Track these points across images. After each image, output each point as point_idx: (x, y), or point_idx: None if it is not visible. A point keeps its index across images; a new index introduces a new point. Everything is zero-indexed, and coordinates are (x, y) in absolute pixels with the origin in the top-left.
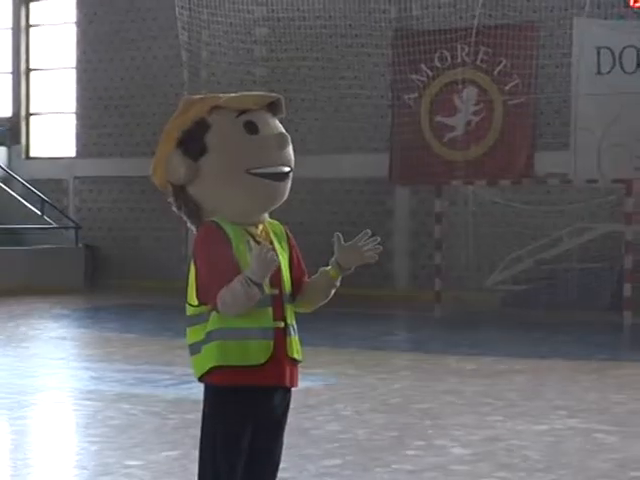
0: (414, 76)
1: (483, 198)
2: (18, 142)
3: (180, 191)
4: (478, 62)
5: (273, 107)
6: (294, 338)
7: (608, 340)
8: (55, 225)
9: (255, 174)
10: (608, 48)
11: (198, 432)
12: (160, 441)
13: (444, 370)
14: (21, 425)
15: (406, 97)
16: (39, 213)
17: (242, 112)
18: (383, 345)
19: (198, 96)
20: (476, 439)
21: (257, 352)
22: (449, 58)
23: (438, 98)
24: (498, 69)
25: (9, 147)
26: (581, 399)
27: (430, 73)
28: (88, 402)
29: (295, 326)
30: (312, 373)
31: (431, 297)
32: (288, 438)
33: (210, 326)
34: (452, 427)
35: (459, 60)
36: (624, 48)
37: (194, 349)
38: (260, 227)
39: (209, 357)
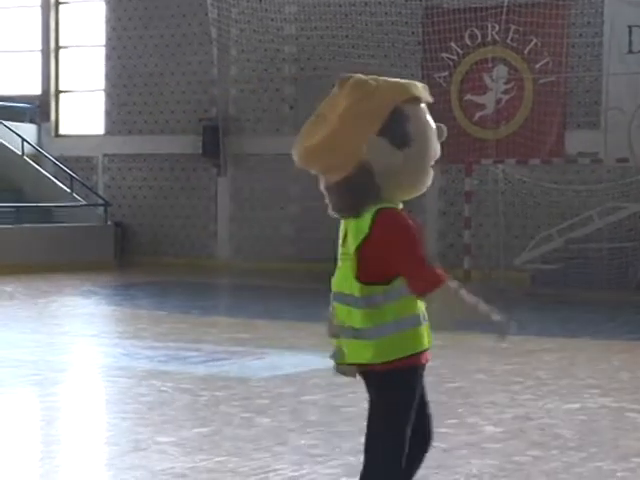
0: (444, 54)
1: (513, 177)
2: (48, 120)
3: (367, 177)
4: (508, 40)
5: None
6: None
7: (634, 319)
8: (84, 202)
9: (432, 166)
10: None
11: (228, 409)
12: (191, 418)
13: (474, 349)
14: (53, 401)
15: (436, 75)
16: (69, 190)
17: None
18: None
19: (370, 78)
20: (507, 417)
21: (428, 336)
22: (479, 36)
23: (468, 76)
24: (528, 48)
25: (39, 125)
26: (612, 378)
27: (460, 51)
28: (119, 379)
29: None
30: None
31: (460, 276)
32: (320, 415)
33: (397, 312)
34: (483, 405)
35: (489, 38)
36: None
37: (371, 333)
38: None
39: (404, 343)
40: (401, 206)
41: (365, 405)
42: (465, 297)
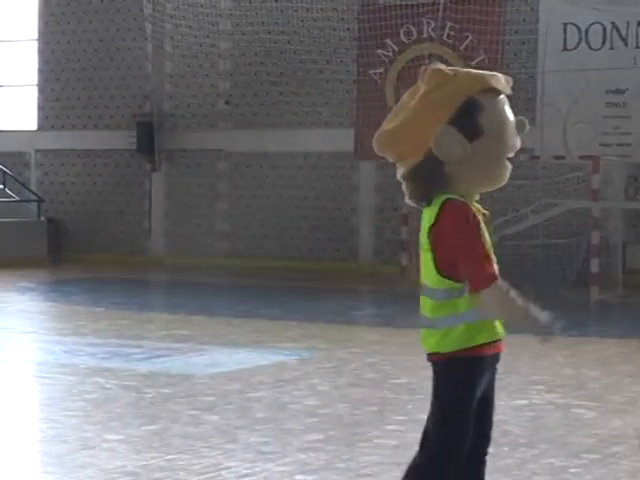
0: (380, 51)
1: None
2: None
3: (436, 165)
4: (444, 37)
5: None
6: None
7: (576, 316)
8: (17, 198)
9: (509, 158)
10: (574, 24)
11: (175, 406)
12: (138, 415)
13: (415, 345)
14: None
15: (372, 72)
16: (1, 186)
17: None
18: (352, 320)
19: (449, 69)
20: None
21: (499, 326)
22: (415, 33)
23: (404, 73)
24: (464, 44)
25: None
26: (557, 374)
27: (396, 48)
28: (62, 376)
29: None
30: (284, 347)
31: (396, 272)
32: (267, 412)
33: (467, 304)
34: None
35: (425, 35)
36: (590, 25)
37: (444, 322)
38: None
39: (474, 333)
40: (477, 197)
41: (308, 402)
42: (516, 298)
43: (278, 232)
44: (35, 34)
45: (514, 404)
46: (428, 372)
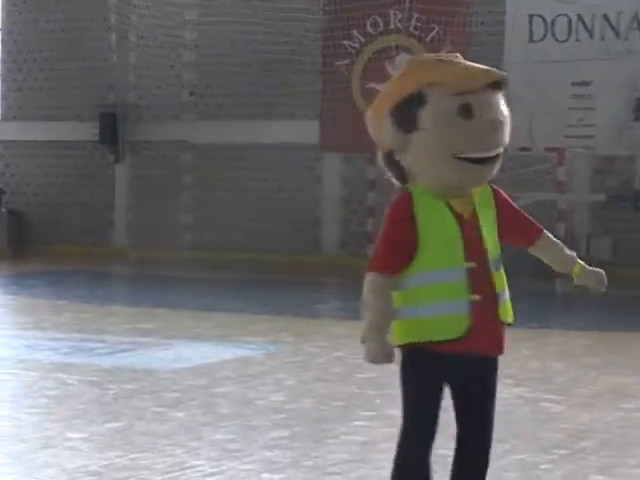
0: (346, 42)
1: None
2: None
3: (389, 154)
4: (411, 29)
5: (496, 82)
6: (504, 304)
7: (538, 307)
8: None
9: (462, 158)
10: (540, 16)
11: (139, 402)
12: (101, 412)
13: None
14: None
15: (338, 63)
16: None
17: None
18: (318, 313)
19: (423, 59)
20: None
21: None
22: (382, 24)
23: (370, 65)
24: (431, 36)
25: None
26: (523, 368)
27: (362, 39)
28: (23, 371)
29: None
30: (250, 341)
31: (362, 264)
32: (233, 408)
33: (401, 300)
34: (399, 397)
35: (392, 26)
36: (557, 16)
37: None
38: (465, 197)
39: (417, 328)
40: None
41: (274, 398)
42: (374, 307)
43: (242, 224)
44: None
45: None
46: (396, 367)
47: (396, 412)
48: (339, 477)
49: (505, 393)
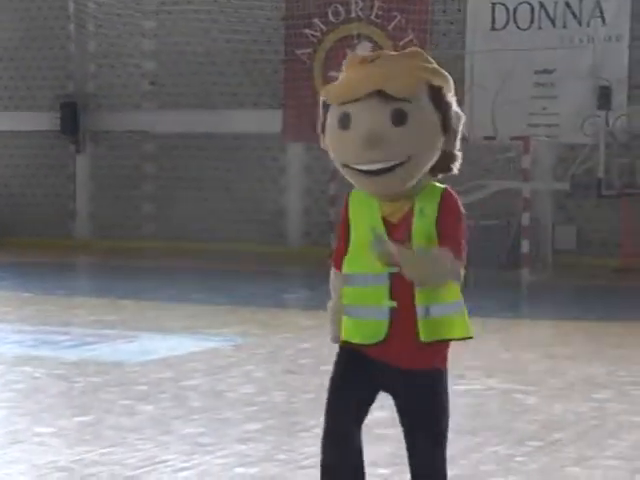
0: (308, 31)
1: None
2: None
3: None
4: (373, 17)
5: (390, 90)
6: (427, 320)
7: (506, 298)
8: None
9: (352, 168)
10: (503, 4)
11: (107, 396)
12: (69, 406)
13: None
14: None
15: (299, 52)
16: None
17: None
18: (283, 303)
19: (356, 58)
20: (392, 402)
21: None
22: (343, 12)
23: (332, 53)
24: (392, 24)
25: None
26: (493, 358)
27: (324, 28)
28: None
29: (432, 307)
30: (217, 333)
31: (325, 254)
32: (203, 401)
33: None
34: None
35: (353, 15)
36: (519, 4)
37: None
38: (398, 202)
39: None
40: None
41: (244, 390)
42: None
43: (205, 214)
44: None
45: (453, 389)
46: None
47: None
48: (313, 470)
49: (477, 384)
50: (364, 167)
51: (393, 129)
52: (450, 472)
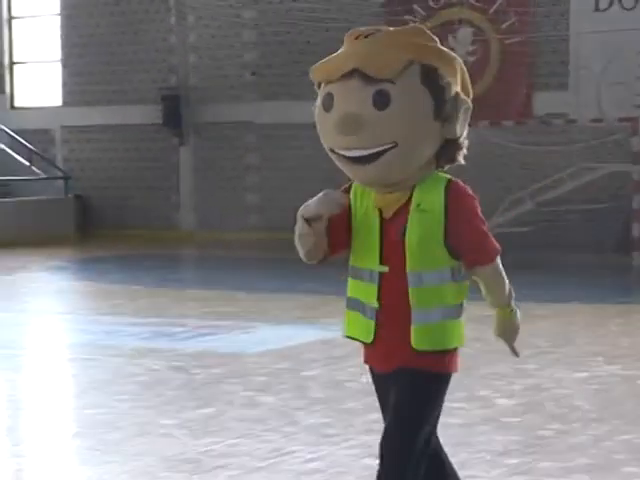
0: (408, 17)
1: (484, 139)
2: (3, 92)
3: None
4: (473, 1)
5: (369, 70)
6: (420, 325)
7: (619, 282)
8: (44, 176)
9: (337, 153)
10: None
11: (228, 387)
12: (191, 398)
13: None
14: (43, 382)
15: None
16: (27, 164)
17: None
18: None
19: (354, 33)
20: (518, 389)
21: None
22: None
23: None
24: (494, 8)
25: None
26: (614, 344)
27: (424, 13)
28: (107, 358)
29: (422, 313)
30: (331, 323)
31: None
32: (324, 392)
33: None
34: (490, 377)
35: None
36: None
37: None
38: (393, 194)
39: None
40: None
41: (365, 380)
42: None
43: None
44: (57, 9)
45: (576, 377)
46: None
47: (487, 392)
48: None
49: (598, 371)
50: (347, 153)
51: (374, 112)
52: (581, 461)
